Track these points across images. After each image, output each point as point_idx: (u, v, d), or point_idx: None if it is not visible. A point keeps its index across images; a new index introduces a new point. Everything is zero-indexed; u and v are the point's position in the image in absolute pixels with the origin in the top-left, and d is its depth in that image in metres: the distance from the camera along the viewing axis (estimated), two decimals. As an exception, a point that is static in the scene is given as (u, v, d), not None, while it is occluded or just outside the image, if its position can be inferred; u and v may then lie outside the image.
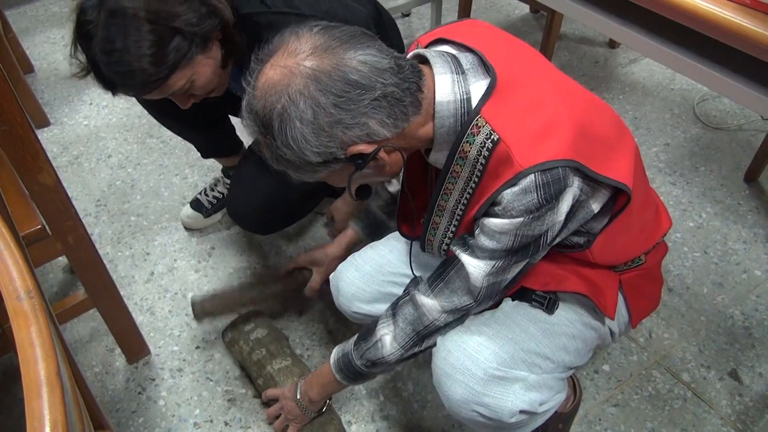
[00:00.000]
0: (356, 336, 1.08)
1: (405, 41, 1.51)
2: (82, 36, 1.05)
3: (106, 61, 1.04)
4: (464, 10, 2.34)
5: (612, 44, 2.49)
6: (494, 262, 0.88)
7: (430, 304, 0.96)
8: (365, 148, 0.82)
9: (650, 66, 2.37)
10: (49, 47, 2.57)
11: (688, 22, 1.03)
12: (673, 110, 2.17)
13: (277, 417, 1.28)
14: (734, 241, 1.72)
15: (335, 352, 1.12)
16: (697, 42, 1.06)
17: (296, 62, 0.78)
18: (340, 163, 0.84)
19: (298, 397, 1.21)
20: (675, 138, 2.06)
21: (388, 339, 1.01)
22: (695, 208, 1.82)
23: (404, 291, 1.06)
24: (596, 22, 1.25)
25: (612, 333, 1.08)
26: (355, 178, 0.88)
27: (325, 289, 1.40)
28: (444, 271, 0.94)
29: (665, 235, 1.07)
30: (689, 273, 1.64)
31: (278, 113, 0.78)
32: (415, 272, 1.16)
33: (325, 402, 1.24)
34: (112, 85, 1.09)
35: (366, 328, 1.06)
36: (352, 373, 1.08)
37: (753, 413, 1.35)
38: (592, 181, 0.84)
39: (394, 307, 1.02)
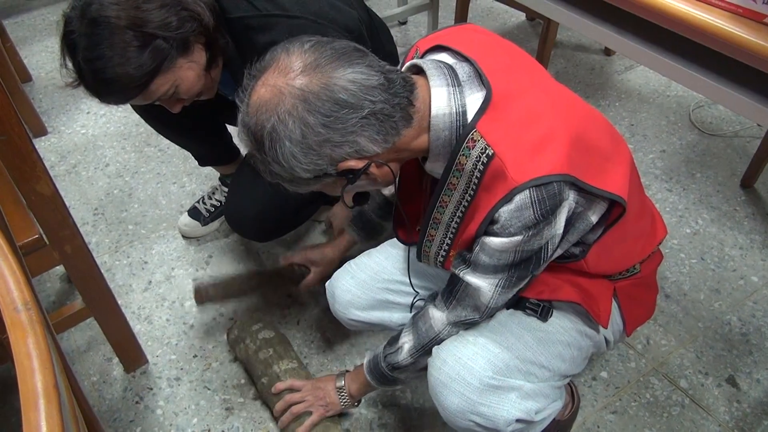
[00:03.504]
0: (388, 340, 1.12)
1: (401, 49, 1.52)
2: (68, 45, 1.07)
3: (89, 69, 1.06)
4: (460, 18, 2.35)
5: (608, 52, 2.50)
6: (498, 279, 0.89)
7: (438, 316, 1.00)
8: (355, 164, 0.82)
9: (646, 73, 2.38)
10: (47, 56, 2.58)
11: (681, 31, 1.04)
12: (669, 117, 2.18)
13: (288, 408, 1.26)
14: (731, 247, 1.72)
15: (369, 353, 1.17)
16: (691, 50, 1.07)
17: (286, 82, 0.79)
18: (331, 178, 0.85)
19: (342, 384, 1.24)
20: (671, 145, 2.07)
21: (406, 347, 1.06)
22: (692, 214, 1.83)
23: (424, 304, 1.09)
24: (591, 31, 1.25)
25: (607, 341, 1.09)
26: (347, 189, 0.89)
27: (319, 291, 1.40)
28: (454, 289, 0.96)
29: (660, 244, 1.07)
30: (686, 279, 1.64)
31: (268, 132, 0.79)
32: (413, 282, 1.17)
33: (359, 400, 1.27)
34: (98, 92, 1.10)
35: (396, 333, 1.10)
36: (379, 375, 1.13)
37: (751, 420, 1.35)
38: (587, 193, 0.84)
39: (414, 318, 1.06)
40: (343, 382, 1.25)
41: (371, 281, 1.20)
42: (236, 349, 1.44)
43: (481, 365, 0.95)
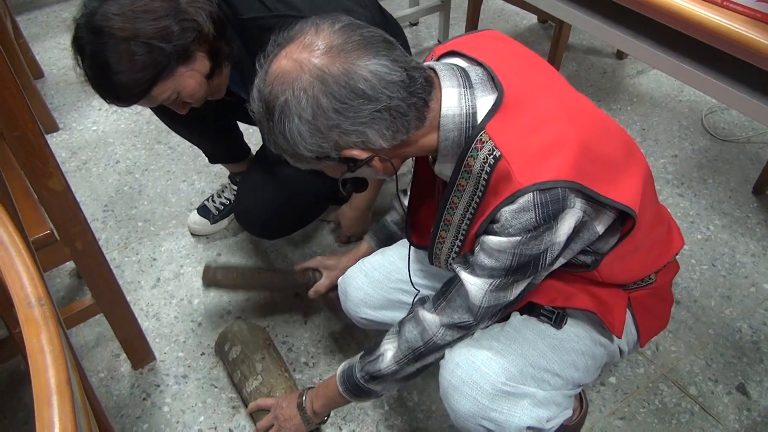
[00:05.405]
0: (364, 350, 1.09)
1: (413, 50, 1.52)
2: (76, 49, 1.11)
3: (92, 75, 1.11)
4: (472, 20, 2.34)
5: (620, 55, 2.49)
6: (492, 281, 0.88)
7: (430, 318, 0.96)
8: (359, 154, 0.83)
9: (658, 77, 2.37)
10: (59, 53, 2.59)
11: (696, 34, 1.03)
12: (681, 122, 2.17)
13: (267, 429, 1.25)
14: (742, 254, 1.71)
15: (343, 364, 1.12)
16: (706, 53, 1.06)
17: (308, 58, 0.78)
18: (332, 162, 0.85)
19: (304, 405, 1.20)
20: (683, 150, 2.06)
21: (389, 354, 1.02)
22: (703, 220, 1.81)
23: (410, 308, 1.05)
24: (604, 33, 1.25)
25: (621, 351, 1.07)
26: (346, 176, 0.89)
27: (329, 297, 1.40)
28: (447, 291, 0.95)
29: (677, 254, 1.05)
30: (697, 286, 1.63)
31: (280, 104, 0.79)
32: (417, 282, 1.16)
33: (328, 415, 1.23)
34: (102, 96, 1.15)
35: (374, 342, 1.07)
36: (352, 386, 1.08)
37: (761, 428, 1.34)
38: (595, 202, 0.83)
39: (400, 324, 1.02)
40: (303, 401, 1.20)
41: (385, 281, 1.20)
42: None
43: (495, 370, 0.94)
